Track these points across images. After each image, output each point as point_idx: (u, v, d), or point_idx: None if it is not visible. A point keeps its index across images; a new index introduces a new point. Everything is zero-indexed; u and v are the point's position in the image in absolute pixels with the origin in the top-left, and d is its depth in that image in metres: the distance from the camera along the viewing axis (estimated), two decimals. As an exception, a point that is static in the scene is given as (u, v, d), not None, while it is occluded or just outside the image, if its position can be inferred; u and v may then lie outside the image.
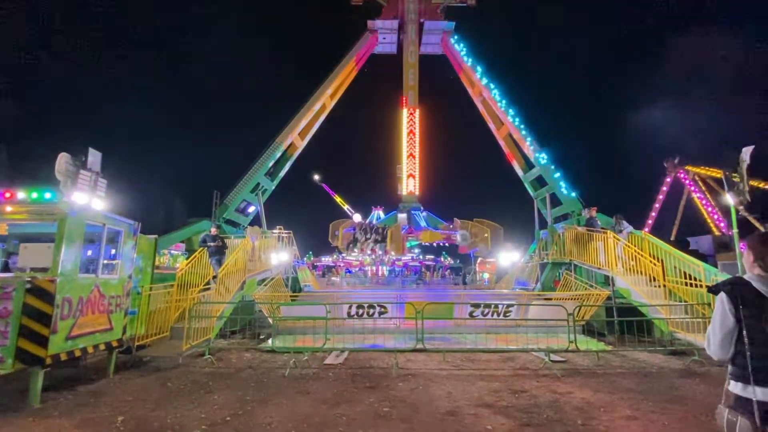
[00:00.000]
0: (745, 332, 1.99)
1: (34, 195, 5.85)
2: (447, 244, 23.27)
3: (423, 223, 23.46)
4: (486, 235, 20.13)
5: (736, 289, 2.07)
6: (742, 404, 1.99)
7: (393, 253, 24.40)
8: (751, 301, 2.00)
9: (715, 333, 2.12)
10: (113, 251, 7.06)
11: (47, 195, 5.88)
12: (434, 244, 24.87)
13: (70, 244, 5.65)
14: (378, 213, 40.04)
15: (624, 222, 12.24)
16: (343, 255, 31.22)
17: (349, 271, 36.81)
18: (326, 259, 40.29)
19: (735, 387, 2.06)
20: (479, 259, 25.13)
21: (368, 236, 21.42)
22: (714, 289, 2.20)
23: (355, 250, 22.52)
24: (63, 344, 5.49)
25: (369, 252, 24.28)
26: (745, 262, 2.27)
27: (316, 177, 49.33)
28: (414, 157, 24.92)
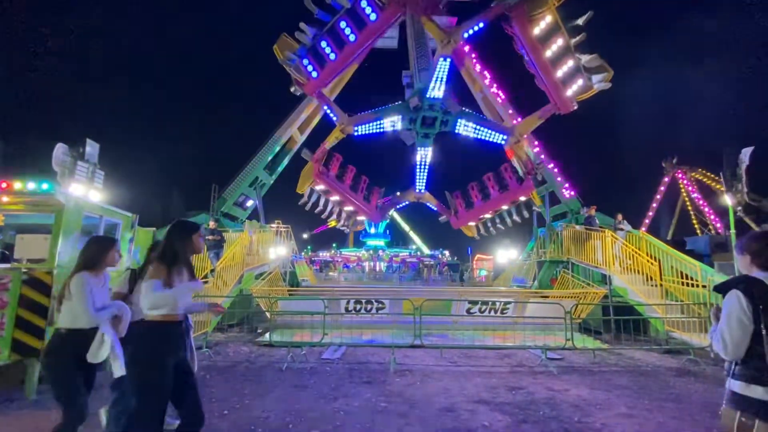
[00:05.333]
0: (765, 332, 1.91)
1: (31, 186, 5.78)
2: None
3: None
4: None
5: (750, 288, 2.01)
6: (760, 407, 1.93)
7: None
8: None
9: (732, 333, 1.99)
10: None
11: (44, 186, 5.81)
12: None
13: (67, 235, 5.61)
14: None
15: (624, 221, 12.34)
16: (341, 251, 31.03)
17: (347, 267, 36.90)
18: (324, 254, 40.39)
19: (753, 390, 1.96)
20: (476, 256, 25.14)
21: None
22: (722, 288, 2.11)
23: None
24: (59, 336, 5.46)
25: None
26: (741, 265, 2.22)
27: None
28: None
